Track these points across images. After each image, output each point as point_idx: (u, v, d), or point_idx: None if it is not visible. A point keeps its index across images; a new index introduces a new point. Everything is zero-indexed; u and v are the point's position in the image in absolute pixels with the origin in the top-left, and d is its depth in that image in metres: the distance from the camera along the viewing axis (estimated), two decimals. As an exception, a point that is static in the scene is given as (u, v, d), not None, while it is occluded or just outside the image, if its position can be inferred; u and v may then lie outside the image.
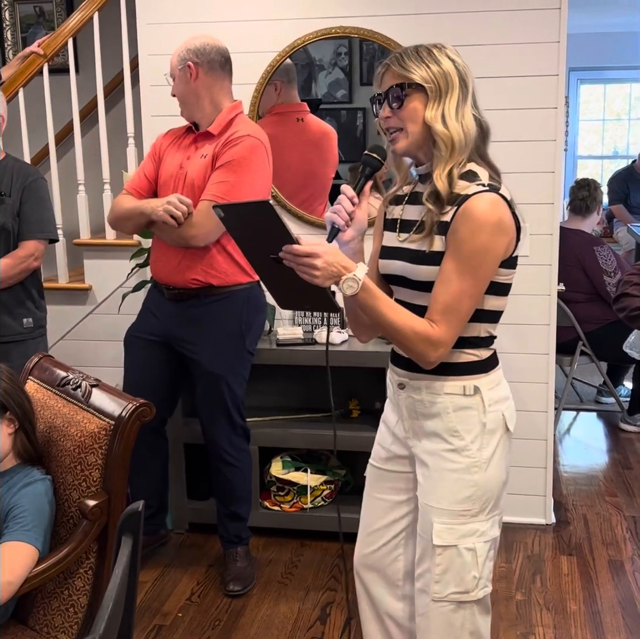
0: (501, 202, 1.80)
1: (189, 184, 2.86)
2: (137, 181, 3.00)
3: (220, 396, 2.98)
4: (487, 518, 1.91)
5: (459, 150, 1.80)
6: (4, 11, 5.22)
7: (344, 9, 3.36)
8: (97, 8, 3.71)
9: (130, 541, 1.42)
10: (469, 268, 1.77)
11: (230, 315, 2.95)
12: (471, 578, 1.90)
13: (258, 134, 2.88)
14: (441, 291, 1.79)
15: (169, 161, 2.94)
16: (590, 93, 9.11)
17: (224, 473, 3.07)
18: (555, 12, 3.22)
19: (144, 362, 3.05)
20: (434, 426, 1.91)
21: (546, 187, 3.33)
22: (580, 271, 4.48)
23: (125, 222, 2.98)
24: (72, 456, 2.09)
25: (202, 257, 2.87)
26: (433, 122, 1.80)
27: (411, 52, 1.83)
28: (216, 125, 2.86)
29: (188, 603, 3.03)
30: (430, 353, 1.80)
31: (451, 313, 1.78)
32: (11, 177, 3.09)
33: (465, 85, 1.85)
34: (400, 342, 1.83)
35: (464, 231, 1.76)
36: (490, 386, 1.91)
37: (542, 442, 3.52)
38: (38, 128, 3.94)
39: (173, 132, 3.03)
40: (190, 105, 2.90)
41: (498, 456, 1.92)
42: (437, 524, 1.89)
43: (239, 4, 3.45)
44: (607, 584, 3.12)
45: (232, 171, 2.79)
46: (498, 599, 3.02)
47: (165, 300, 2.98)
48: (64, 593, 2.06)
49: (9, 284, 3.07)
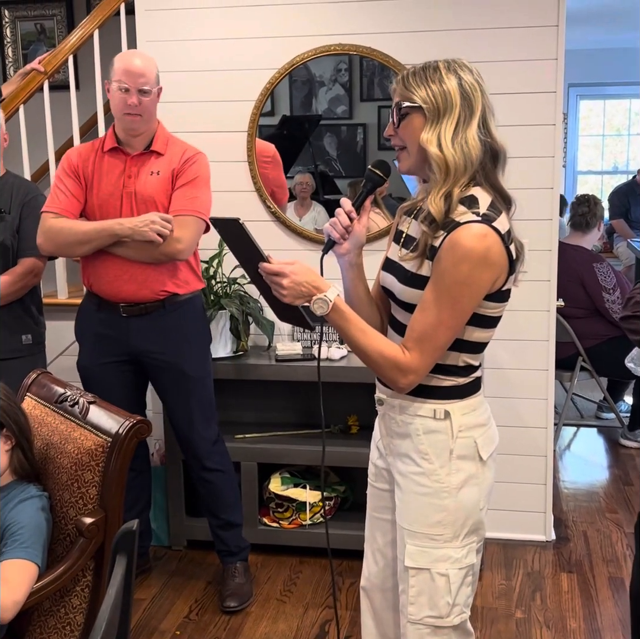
0: (491, 235, 1.73)
1: (147, 200, 2.87)
2: (65, 202, 2.90)
3: (198, 398, 3.03)
4: (461, 545, 1.87)
5: (455, 175, 1.74)
6: (5, 28, 5.25)
7: (343, 26, 3.38)
8: (98, 25, 3.73)
9: (125, 560, 1.42)
10: (449, 299, 1.72)
11: (195, 319, 3.04)
12: (444, 604, 1.87)
13: (200, 150, 3.00)
14: (419, 318, 1.76)
15: (105, 180, 2.90)
16: (590, 109, 9.14)
17: (210, 480, 3.08)
18: (553, 30, 3.23)
19: (115, 387, 2.98)
20: (406, 447, 1.90)
21: (545, 203, 3.34)
22: (579, 286, 4.48)
23: (81, 247, 2.86)
24: (69, 473, 2.08)
25: (168, 269, 2.92)
26: (427, 145, 1.75)
27: (418, 70, 1.79)
28: (160, 144, 2.93)
29: (186, 620, 3.02)
30: (400, 379, 1.79)
31: (426, 342, 1.76)
32: (10, 194, 3.10)
33: (470, 105, 1.75)
34: (370, 366, 1.82)
35: (447, 261, 1.71)
36: (464, 412, 1.86)
37: (541, 459, 3.51)
38: (38, 144, 3.95)
39: (86, 152, 2.97)
40: (149, 126, 2.92)
41: (472, 484, 1.87)
42: (409, 546, 1.88)
43: (238, 21, 3.47)
44: (607, 601, 3.10)
45: (199, 186, 2.91)
46: (497, 617, 3.00)
47: (122, 318, 2.94)
48: (60, 611, 2.05)
49: (8, 300, 3.07)
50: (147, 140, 2.93)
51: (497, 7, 3.26)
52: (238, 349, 3.46)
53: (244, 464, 3.37)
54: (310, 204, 3.72)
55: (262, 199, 3.54)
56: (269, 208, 3.55)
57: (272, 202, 3.54)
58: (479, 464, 1.88)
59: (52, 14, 5.19)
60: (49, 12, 5.18)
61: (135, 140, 2.93)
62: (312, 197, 3.72)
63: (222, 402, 3.57)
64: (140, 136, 2.92)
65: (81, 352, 3.09)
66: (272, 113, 3.62)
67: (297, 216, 3.65)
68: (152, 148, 2.92)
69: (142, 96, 2.85)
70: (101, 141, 2.98)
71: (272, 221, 3.55)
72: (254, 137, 3.51)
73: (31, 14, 5.21)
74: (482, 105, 1.77)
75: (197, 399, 3.04)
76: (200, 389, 3.05)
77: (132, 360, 3.01)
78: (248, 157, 3.53)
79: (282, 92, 3.58)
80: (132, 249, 2.85)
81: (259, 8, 3.44)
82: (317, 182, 3.71)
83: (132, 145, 2.93)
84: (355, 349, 1.81)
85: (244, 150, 3.53)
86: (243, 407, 3.65)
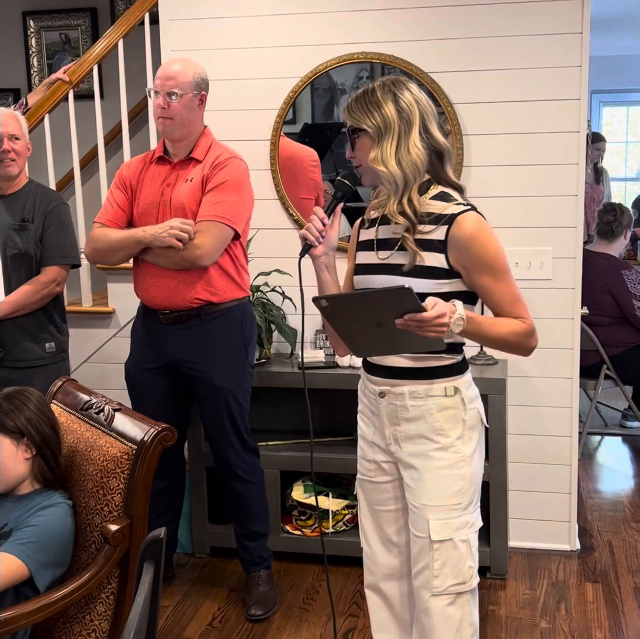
0: (482, 218, 2.01)
1: (179, 208, 2.88)
2: (111, 212, 2.98)
3: (229, 411, 3.00)
4: (474, 510, 2.08)
5: (405, 184, 1.97)
6: (31, 38, 5.31)
7: (365, 34, 3.38)
8: (122, 35, 3.76)
9: (152, 568, 1.42)
10: (501, 269, 1.99)
11: (232, 330, 3.00)
12: (467, 568, 2.05)
13: (239, 155, 2.98)
14: (498, 299, 2.00)
15: (147, 190, 2.94)
16: (612, 115, 9.09)
17: (239, 491, 3.07)
18: (577, 37, 3.22)
19: (154, 395, 3.03)
20: (418, 429, 2.05)
21: (569, 210, 3.32)
22: (607, 294, 4.45)
23: (114, 254, 2.94)
24: (95, 480, 2.09)
25: (200, 276, 2.90)
26: (373, 164, 1.98)
27: (359, 97, 2.01)
28: (200, 151, 2.92)
29: (209, 628, 3.02)
30: (533, 342, 2.03)
31: (520, 302, 2.01)
32: (34, 203, 3.13)
33: (408, 120, 1.97)
34: (507, 349, 2.04)
35: (476, 248, 1.96)
36: (466, 386, 2.07)
37: (566, 468, 3.48)
38: (63, 153, 3.99)
39: (136, 163, 3.03)
40: (185, 131, 2.91)
41: (478, 450, 2.09)
42: (433, 521, 2.03)
43: (262, 30, 3.48)
44: (633, 612, 3.07)
45: (227, 191, 2.87)
46: (522, 627, 2.98)
47: (162, 325, 2.97)
48: (85, 618, 2.06)
49: (31, 309, 3.10)
50: (189, 147, 2.93)
51: (520, 14, 3.25)
52: (261, 356, 3.47)
53: (266, 472, 3.36)
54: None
55: (285, 207, 3.55)
56: (292, 216, 3.55)
57: (296, 210, 3.55)
58: (481, 430, 2.11)
59: (77, 24, 5.23)
60: (74, 22, 5.23)
61: (177, 148, 2.94)
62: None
63: (245, 410, 3.58)
64: (181, 143, 2.92)
65: (130, 354, 3.13)
66: (294, 121, 3.63)
67: (319, 224, 3.64)
68: (192, 155, 2.92)
69: (171, 99, 2.85)
70: (153, 152, 3.03)
71: (295, 229, 3.56)
72: (276, 146, 3.52)
73: (56, 24, 5.26)
74: (420, 114, 1.99)
75: (229, 411, 3.00)
76: (232, 402, 3.00)
77: (170, 368, 3.01)
78: (271, 166, 3.54)
79: (304, 100, 3.59)
80: (158, 255, 2.88)
81: (281, 17, 3.45)
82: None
83: (175, 153, 2.95)
84: (491, 342, 2.02)
85: (267, 158, 3.54)
86: (266, 414, 3.65)
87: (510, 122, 3.33)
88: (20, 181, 3.17)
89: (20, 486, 2.12)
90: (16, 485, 2.11)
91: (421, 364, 2.03)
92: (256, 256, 3.45)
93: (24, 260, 3.11)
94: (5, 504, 2.10)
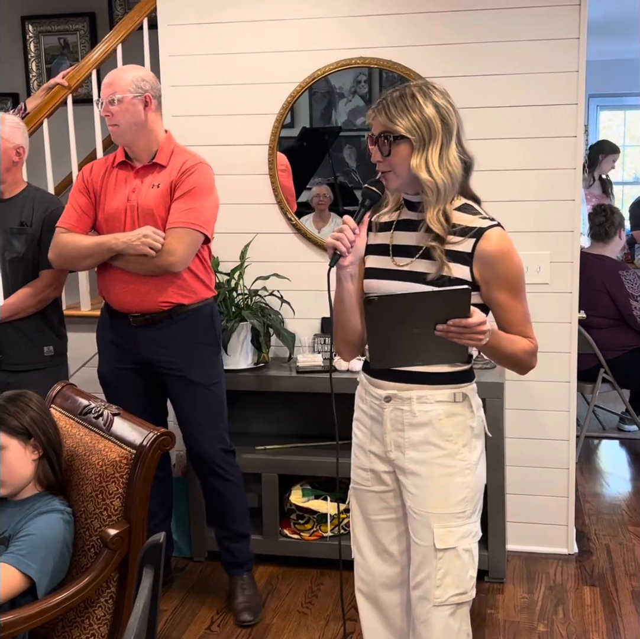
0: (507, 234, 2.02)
1: (147, 214, 2.88)
2: (75, 217, 2.96)
3: (205, 405, 3.02)
4: (476, 519, 2.07)
5: (445, 194, 1.94)
6: (29, 43, 5.31)
7: (364, 40, 3.39)
8: (121, 40, 3.76)
9: (152, 573, 1.42)
10: (520, 288, 2.01)
11: (204, 327, 3.02)
12: (469, 578, 2.04)
13: (205, 160, 2.98)
14: (512, 318, 2.01)
15: (112, 195, 2.94)
16: (610, 119, 9.11)
17: (220, 491, 3.07)
18: (574, 42, 3.23)
19: (130, 392, 3.04)
20: (424, 435, 2.03)
21: (566, 215, 3.33)
22: (604, 295, 4.46)
23: (84, 260, 2.94)
24: (94, 485, 2.10)
25: (171, 280, 2.92)
26: (417, 171, 1.92)
27: (397, 100, 1.93)
28: (163, 156, 2.92)
29: (208, 632, 3.02)
30: (534, 362, 2.05)
31: (528, 323, 2.04)
32: (32, 207, 3.13)
33: (449, 128, 1.94)
34: (516, 366, 2.06)
35: (502, 264, 1.96)
36: (473, 393, 2.07)
37: (563, 471, 3.49)
38: (62, 158, 3.99)
39: (98, 166, 3.02)
40: (133, 135, 2.89)
41: (482, 459, 2.09)
42: (437, 529, 2.01)
43: (260, 35, 3.49)
44: (630, 615, 3.08)
45: (197, 197, 2.88)
46: (520, 630, 2.99)
47: (132, 327, 2.97)
48: (84, 622, 2.06)
49: (29, 312, 3.11)
50: (151, 152, 2.93)
51: (518, 20, 3.26)
52: (259, 360, 3.48)
53: (264, 476, 3.37)
54: (329, 216, 3.73)
55: (284, 211, 3.56)
56: (290, 220, 3.56)
57: (293, 214, 3.55)
58: (484, 439, 2.10)
59: (76, 29, 5.24)
60: (73, 26, 5.24)
61: (136, 153, 2.94)
62: (330, 209, 3.73)
63: (242, 414, 3.59)
64: (137, 148, 2.92)
65: (99, 359, 3.14)
66: (292, 125, 3.64)
67: (316, 229, 3.65)
68: (155, 160, 2.93)
69: (112, 105, 2.84)
70: (114, 155, 3.01)
71: (293, 233, 3.57)
72: (275, 150, 3.53)
73: (55, 29, 5.27)
74: (457, 124, 1.97)
75: (205, 406, 3.02)
76: (208, 396, 3.02)
77: (144, 368, 3.03)
78: (269, 170, 3.55)
79: (302, 104, 3.60)
80: (129, 262, 2.88)
81: (280, 22, 3.46)
82: (336, 193, 3.72)
83: (136, 158, 2.95)
84: (503, 358, 2.02)
85: (265, 163, 3.54)
86: (264, 418, 3.66)
87: (507, 127, 3.34)
88: (18, 185, 3.18)
89: (23, 490, 2.12)
90: (23, 488, 2.12)
91: (432, 368, 2.01)
92: (254, 260, 3.46)
93: (22, 264, 3.12)
94: (6, 510, 2.10)
